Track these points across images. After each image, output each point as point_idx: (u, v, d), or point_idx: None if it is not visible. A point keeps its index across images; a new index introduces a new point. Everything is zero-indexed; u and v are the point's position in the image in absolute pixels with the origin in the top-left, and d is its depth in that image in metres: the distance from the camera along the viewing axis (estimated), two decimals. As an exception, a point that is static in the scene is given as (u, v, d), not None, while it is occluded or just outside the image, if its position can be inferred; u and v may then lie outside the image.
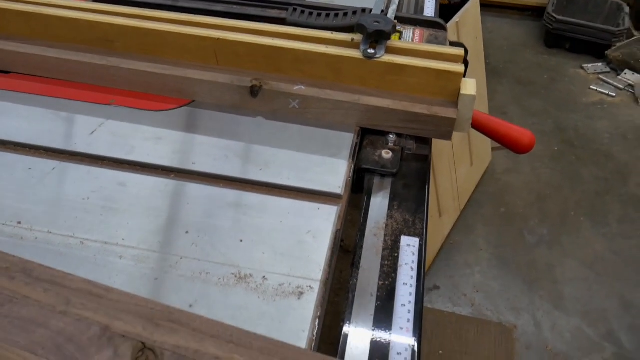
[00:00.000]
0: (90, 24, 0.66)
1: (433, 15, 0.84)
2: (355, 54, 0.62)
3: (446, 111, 0.62)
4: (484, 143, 1.73)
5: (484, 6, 1.79)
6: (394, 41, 0.64)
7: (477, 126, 0.71)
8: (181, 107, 0.66)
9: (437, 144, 1.37)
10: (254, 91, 0.64)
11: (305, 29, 0.65)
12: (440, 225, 1.49)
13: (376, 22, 0.62)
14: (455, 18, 1.34)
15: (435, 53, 0.63)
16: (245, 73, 0.65)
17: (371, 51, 0.61)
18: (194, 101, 0.66)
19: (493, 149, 1.82)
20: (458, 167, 1.51)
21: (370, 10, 0.69)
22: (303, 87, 0.64)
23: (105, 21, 0.66)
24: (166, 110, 0.65)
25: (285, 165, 0.59)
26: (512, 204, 1.73)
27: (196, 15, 0.67)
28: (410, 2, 0.89)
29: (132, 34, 0.66)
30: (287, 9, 0.71)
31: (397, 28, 0.71)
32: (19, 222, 0.52)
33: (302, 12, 0.70)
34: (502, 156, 1.86)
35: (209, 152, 0.60)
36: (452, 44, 0.71)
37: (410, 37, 0.70)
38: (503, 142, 0.73)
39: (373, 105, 0.62)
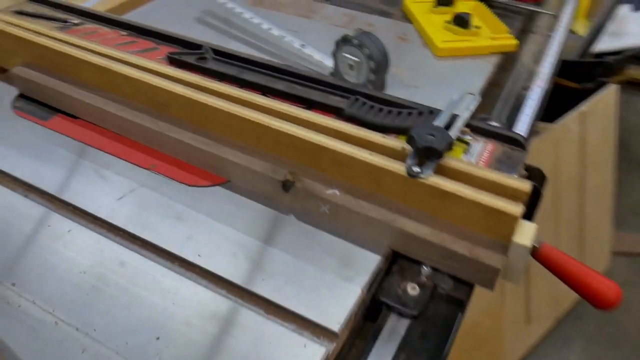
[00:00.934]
0: (149, 86, 0.66)
1: (525, 131, 0.74)
2: (399, 168, 0.54)
3: (491, 257, 0.51)
4: (600, 242, 1.51)
5: (635, 85, 1.58)
6: (451, 159, 0.55)
7: (548, 265, 0.60)
8: (215, 185, 0.63)
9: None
10: (286, 186, 0.59)
11: (357, 128, 0.59)
12: (526, 333, 1.32)
13: (431, 134, 0.54)
14: (583, 106, 1.19)
15: (494, 183, 0.53)
16: (284, 163, 0.61)
17: (416, 169, 0.53)
18: (229, 181, 0.63)
19: (613, 252, 1.59)
20: (560, 272, 1.33)
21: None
22: (337, 193, 0.58)
23: (162, 85, 0.65)
24: (199, 186, 0.63)
25: (292, 279, 0.53)
26: (625, 326, 1.48)
27: (250, 93, 0.64)
28: (503, 110, 0.79)
29: (183, 102, 0.64)
30: (348, 97, 0.66)
31: (467, 138, 0.62)
32: (13, 284, 0.52)
33: (364, 103, 0.64)
34: (624, 264, 1.61)
35: (221, 244, 0.56)
36: (529, 169, 0.60)
37: (479, 151, 0.61)
38: (579, 291, 0.61)
39: (407, 231, 0.54)
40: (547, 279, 1.31)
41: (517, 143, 0.62)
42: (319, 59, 0.82)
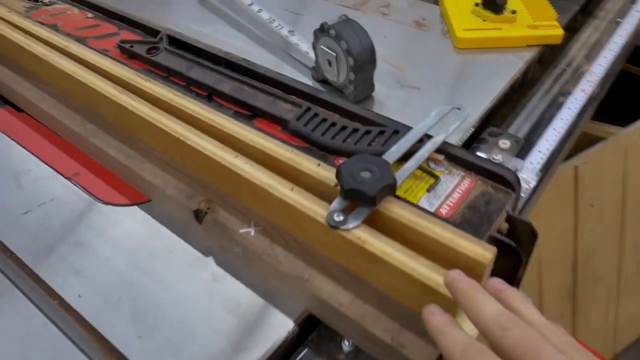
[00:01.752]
0: (80, 82, 0.57)
1: (547, 154, 0.57)
2: (320, 212, 0.42)
3: (419, 350, 0.38)
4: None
5: None
6: (395, 203, 0.42)
7: None
8: (134, 204, 0.54)
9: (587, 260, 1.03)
10: (198, 216, 0.48)
11: (290, 150, 0.47)
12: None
13: (368, 170, 0.41)
14: (577, 159, 0.93)
15: (444, 246, 0.39)
16: (207, 187, 0.50)
17: (338, 218, 0.41)
18: (150, 201, 0.53)
19: None
20: (623, 299, 1.12)
21: (427, 138, 0.47)
22: (252, 232, 0.46)
23: (91, 83, 0.56)
24: (116, 205, 0.54)
25: (174, 341, 0.42)
26: None
27: (184, 98, 0.53)
28: (525, 122, 0.62)
29: (110, 104, 0.55)
30: (300, 107, 0.53)
31: (438, 170, 0.47)
32: None
33: (314, 115, 0.51)
34: None
35: (109, 283, 0.47)
36: (511, 219, 0.44)
37: (450, 189, 0.46)
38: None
39: (320, 296, 0.42)
40: (605, 312, 1.10)
41: (505, 182, 0.46)
42: (306, 49, 0.69)
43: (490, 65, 0.68)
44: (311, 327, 0.44)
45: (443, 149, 0.48)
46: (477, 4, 0.74)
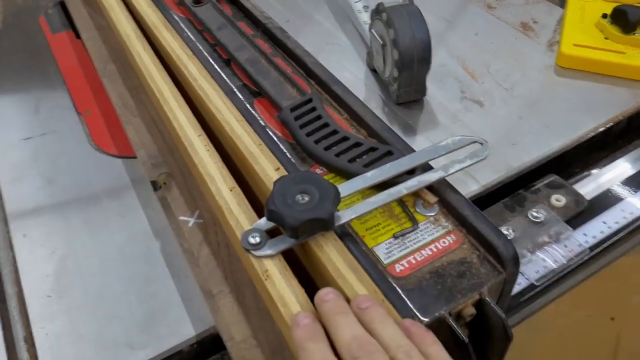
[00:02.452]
0: (109, 15, 0.55)
1: (598, 242, 0.42)
2: (243, 226, 0.35)
3: None
4: None
5: None
6: (331, 240, 0.33)
7: None
8: (122, 157, 0.51)
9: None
10: (154, 187, 0.44)
11: (255, 144, 0.40)
12: None
13: (306, 194, 0.33)
14: None
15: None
16: (178, 158, 0.45)
17: (254, 240, 0.33)
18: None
19: None
20: None
21: (429, 168, 0.37)
22: (191, 223, 0.41)
23: (117, 21, 0.53)
24: (104, 152, 0.51)
25: (75, 309, 0.39)
26: None
27: (192, 58, 0.48)
28: (584, 198, 0.47)
29: (125, 47, 0.52)
30: (304, 94, 0.45)
31: (423, 214, 0.37)
32: None
33: (311, 110, 0.43)
34: None
35: (51, 231, 0.45)
36: (482, 306, 0.33)
37: (424, 242, 0.36)
38: None
39: (216, 321, 0.35)
40: None
41: (496, 255, 0.35)
42: (364, 20, 0.60)
43: (589, 96, 0.53)
44: (217, 348, 0.38)
45: (438, 189, 0.37)
46: (604, 15, 0.57)
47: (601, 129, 0.50)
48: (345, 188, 0.36)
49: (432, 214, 0.37)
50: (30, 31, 0.68)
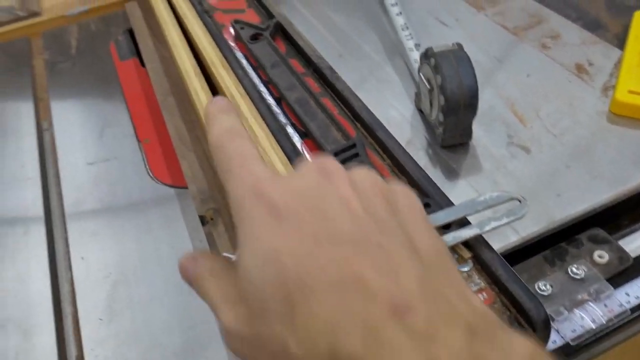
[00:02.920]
0: (173, 51, 0.58)
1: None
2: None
3: None
4: None
5: None
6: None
7: None
8: (175, 187, 0.54)
9: None
10: (202, 222, 0.47)
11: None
12: None
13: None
14: None
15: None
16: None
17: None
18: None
19: None
20: None
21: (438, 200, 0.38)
22: (233, 259, 0.43)
23: (178, 56, 0.57)
24: (159, 182, 0.55)
25: (125, 336, 0.42)
26: None
27: (244, 97, 0.51)
28: (629, 255, 0.46)
29: (184, 83, 0.55)
30: (348, 143, 0.46)
31: (460, 271, 0.38)
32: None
33: (354, 156, 0.44)
34: None
35: (106, 256, 0.48)
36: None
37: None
38: None
39: None
40: None
41: (527, 318, 0.35)
42: (414, 58, 0.61)
43: (643, 148, 0.52)
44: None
45: (473, 245, 0.38)
46: (665, 62, 0.56)
47: (656, 184, 0.49)
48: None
49: (466, 269, 0.38)
50: (100, 57, 0.73)
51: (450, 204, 0.40)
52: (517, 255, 0.45)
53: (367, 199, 0.22)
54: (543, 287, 0.42)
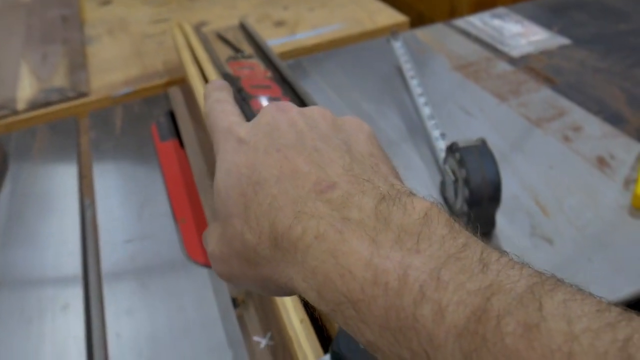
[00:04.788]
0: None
1: None
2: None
3: None
4: None
5: None
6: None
7: None
8: (209, 267, 0.56)
9: None
10: (235, 304, 0.48)
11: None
12: None
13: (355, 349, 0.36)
14: None
15: None
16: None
17: (316, 376, 0.36)
18: (220, 269, 0.55)
19: None
20: None
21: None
22: (262, 344, 0.44)
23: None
24: (194, 262, 0.57)
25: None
26: None
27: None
28: None
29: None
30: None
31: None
32: None
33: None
34: None
35: (143, 337, 0.50)
36: None
37: None
38: None
39: None
40: None
41: None
42: (440, 147, 0.63)
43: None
44: None
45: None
46: (684, 159, 0.58)
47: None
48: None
49: None
50: (142, 137, 0.78)
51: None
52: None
53: (312, 121, 0.27)
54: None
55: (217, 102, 0.33)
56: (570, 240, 0.54)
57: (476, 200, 0.52)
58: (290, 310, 0.41)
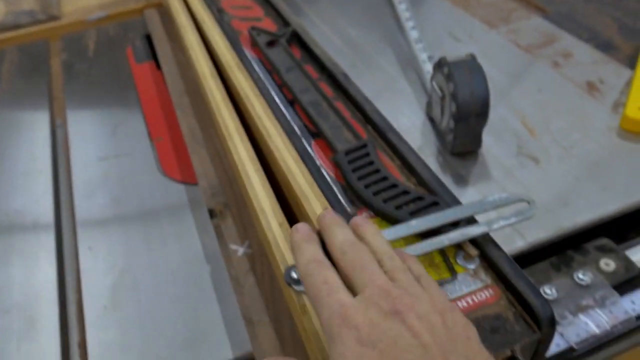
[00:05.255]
0: (188, 53, 0.59)
1: None
2: (287, 261, 0.36)
3: None
4: None
5: None
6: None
7: None
8: (185, 183, 0.54)
9: None
10: (211, 215, 0.47)
11: (307, 181, 0.42)
12: None
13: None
14: None
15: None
16: (236, 189, 0.48)
17: (296, 274, 0.35)
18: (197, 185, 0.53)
19: None
20: None
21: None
22: (240, 252, 0.43)
23: (195, 58, 0.58)
24: (169, 178, 0.55)
25: (128, 322, 0.42)
26: None
27: (259, 97, 0.52)
28: (635, 265, 0.46)
29: (199, 84, 0.56)
30: (359, 139, 0.47)
31: (466, 268, 0.38)
32: None
33: (365, 155, 0.45)
34: None
35: (113, 245, 0.48)
36: (514, 366, 0.33)
37: (462, 293, 0.36)
38: None
39: (251, 347, 0.37)
40: None
41: (533, 315, 0.35)
42: (427, 70, 0.61)
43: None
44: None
45: (481, 243, 0.38)
46: (676, 81, 0.56)
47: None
48: (390, 234, 0.37)
49: (472, 266, 0.38)
50: (117, 60, 0.75)
51: (458, 203, 0.41)
52: (524, 260, 0.45)
53: (433, 330, 0.27)
54: (548, 291, 0.42)
55: (315, 264, 0.30)
56: (557, 159, 0.53)
57: (463, 115, 0.50)
58: (269, 214, 0.40)
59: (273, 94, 0.54)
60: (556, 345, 0.39)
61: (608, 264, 0.44)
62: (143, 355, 0.40)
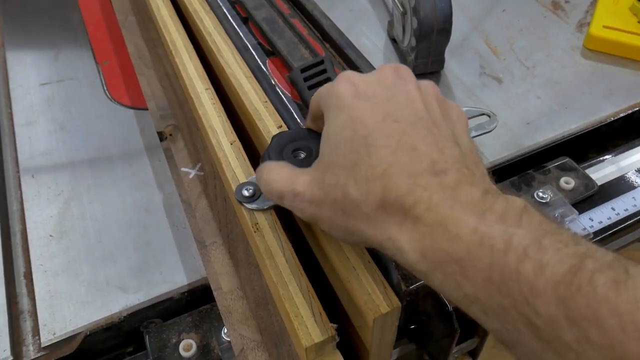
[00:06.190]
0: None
1: (603, 227, 0.41)
2: (239, 178, 0.35)
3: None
4: None
5: None
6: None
7: None
8: (134, 108, 0.51)
9: None
10: (161, 138, 0.44)
11: (259, 100, 0.40)
12: None
13: (302, 151, 0.33)
14: None
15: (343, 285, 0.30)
16: (186, 111, 0.45)
17: (248, 192, 0.33)
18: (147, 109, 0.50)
19: None
20: None
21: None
22: (192, 174, 0.41)
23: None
24: (117, 103, 0.52)
25: (76, 249, 0.40)
26: None
27: (209, 13, 0.48)
28: (594, 183, 0.46)
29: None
30: (315, 56, 0.45)
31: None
32: None
33: (322, 72, 0.42)
34: None
35: (64, 169, 0.46)
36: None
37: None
38: None
39: (205, 270, 0.35)
40: None
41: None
42: None
43: (614, 81, 0.51)
44: (208, 299, 0.39)
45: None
46: (640, -1, 0.55)
47: (622, 115, 0.48)
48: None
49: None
50: (58, -19, 0.69)
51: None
52: (485, 179, 0.44)
53: (428, 102, 0.28)
54: (509, 209, 0.42)
55: None
56: (520, 79, 0.52)
57: (425, 31, 0.48)
58: (220, 132, 0.38)
59: (225, 10, 0.51)
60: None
61: (568, 182, 0.44)
62: (92, 283, 0.38)
